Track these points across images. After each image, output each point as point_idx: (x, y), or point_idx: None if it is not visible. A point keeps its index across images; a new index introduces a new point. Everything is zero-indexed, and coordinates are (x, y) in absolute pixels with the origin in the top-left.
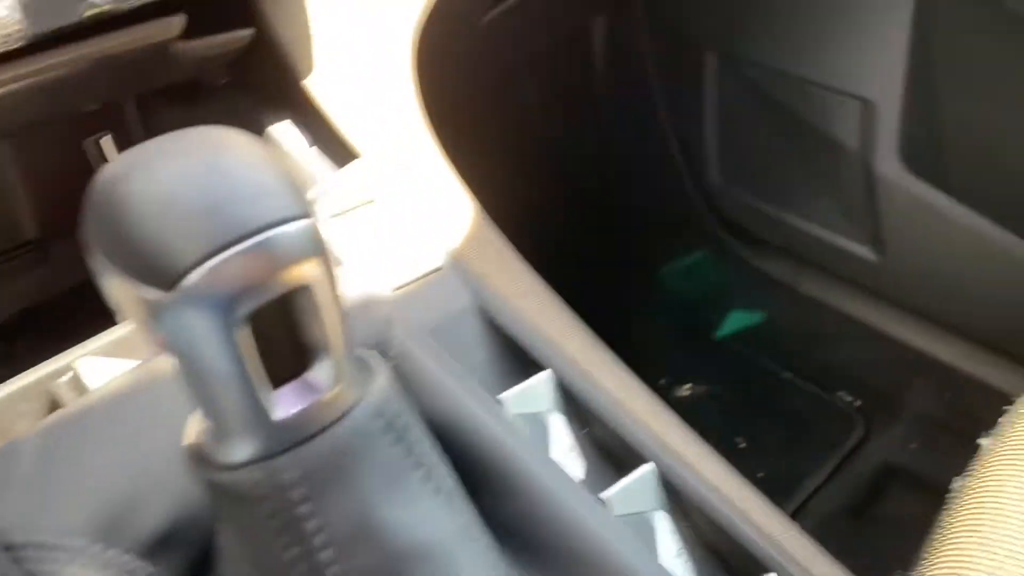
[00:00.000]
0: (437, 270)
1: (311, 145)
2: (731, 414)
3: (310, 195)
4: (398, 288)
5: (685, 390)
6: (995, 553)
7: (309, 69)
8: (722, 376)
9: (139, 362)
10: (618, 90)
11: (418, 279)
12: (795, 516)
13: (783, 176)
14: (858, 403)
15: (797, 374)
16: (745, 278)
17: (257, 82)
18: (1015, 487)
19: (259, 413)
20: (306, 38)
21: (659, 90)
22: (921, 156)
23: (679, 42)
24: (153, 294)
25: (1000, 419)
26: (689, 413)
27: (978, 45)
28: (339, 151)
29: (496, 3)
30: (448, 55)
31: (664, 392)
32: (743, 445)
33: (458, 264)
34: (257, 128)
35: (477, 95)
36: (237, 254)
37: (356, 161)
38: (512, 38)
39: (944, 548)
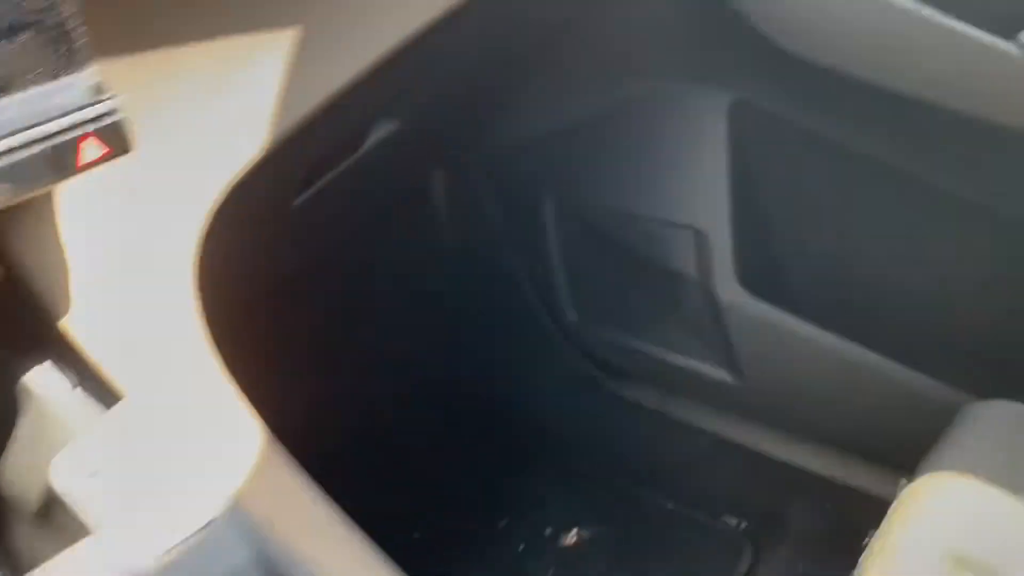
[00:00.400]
0: (211, 523)
1: (75, 387)
2: (620, 556)
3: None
4: (165, 553)
5: (571, 538)
6: None
7: (67, 307)
8: (607, 516)
9: None
10: (464, 240)
11: (189, 538)
12: None
13: (635, 308)
14: (744, 525)
15: (681, 503)
16: (617, 409)
17: (11, 325)
18: None
19: None
20: (63, 272)
21: (505, 236)
22: (759, 279)
23: (518, 189)
24: None
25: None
26: (578, 562)
27: (790, 166)
28: (106, 393)
29: (307, 185)
30: (251, 246)
31: (550, 542)
32: None
33: (237, 512)
34: (12, 376)
35: (288, 280)
36: None
37: (122, 402)
38: (332, 214)
39: None
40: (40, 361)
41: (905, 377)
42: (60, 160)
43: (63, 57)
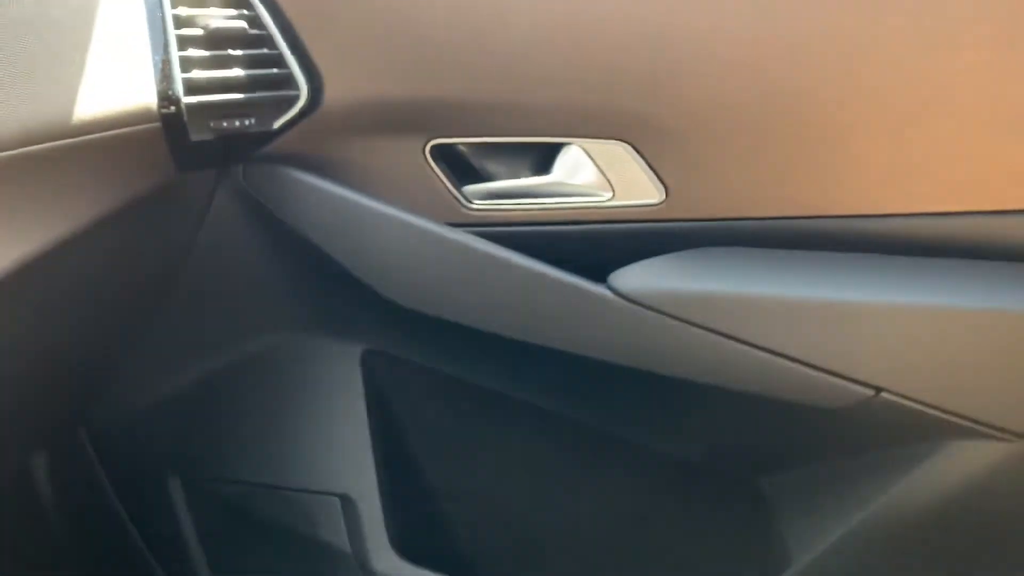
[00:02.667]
0: None
1: None
2: None
3: None
4: None
5: None
6: None
7: None
8: None
9: None
10: (80, 534)
11: None
12: None
13: None
14: None
15: None
16: None
17: None
18: None
19: None
20: None
21: (132, 522)
22: (416, 543)
23: (137, 469)
24: None
25: None
26: None
27: (439, 416)
28: None
29: None
30: None
31: None
32: None
33: None
34: None
35: None
36: None
37: None
38: None
39: None
40: None
41: None
42: None
43: None
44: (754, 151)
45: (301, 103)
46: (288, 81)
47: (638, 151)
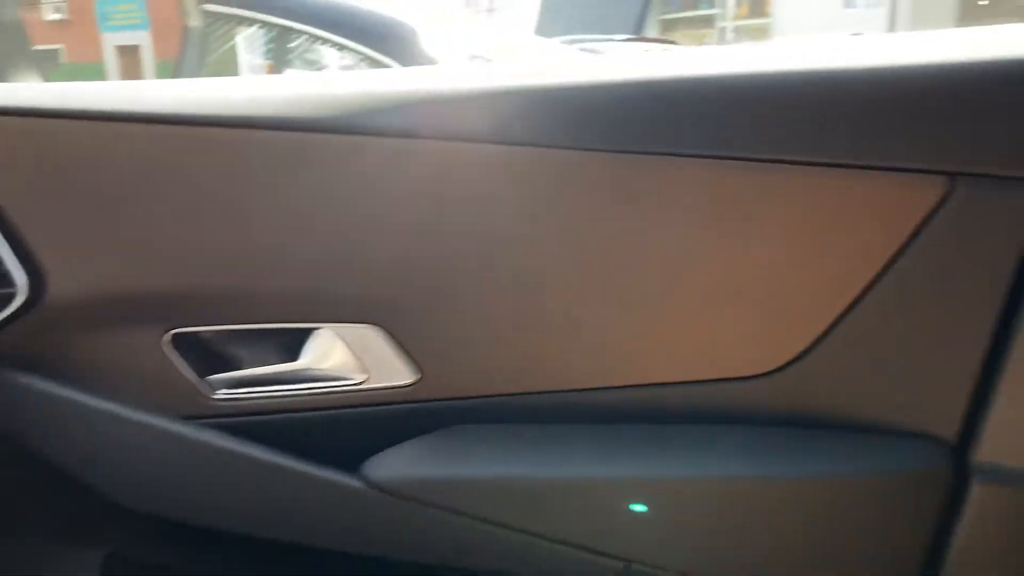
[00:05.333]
0: None
1: None
2: None
3: None
4: None
5: None
6: None
7: None
8: None
9: None
10: None
11: None
12: None
13: None
14: None
15: None
16: None
17: None
18: None
19: None
20: None
21: None
22: None
23: None
24: None
25: None
26: None
27: None
28: None
29: None
30: None
31: None
32: None
33: None
34: None
35: None
36: None
37: None
38: None
39: None
40: None
41: None
42: None
43: None
44: (501, 330)
45: (18, 301)
46: (2, 278)
47: (390, 334)
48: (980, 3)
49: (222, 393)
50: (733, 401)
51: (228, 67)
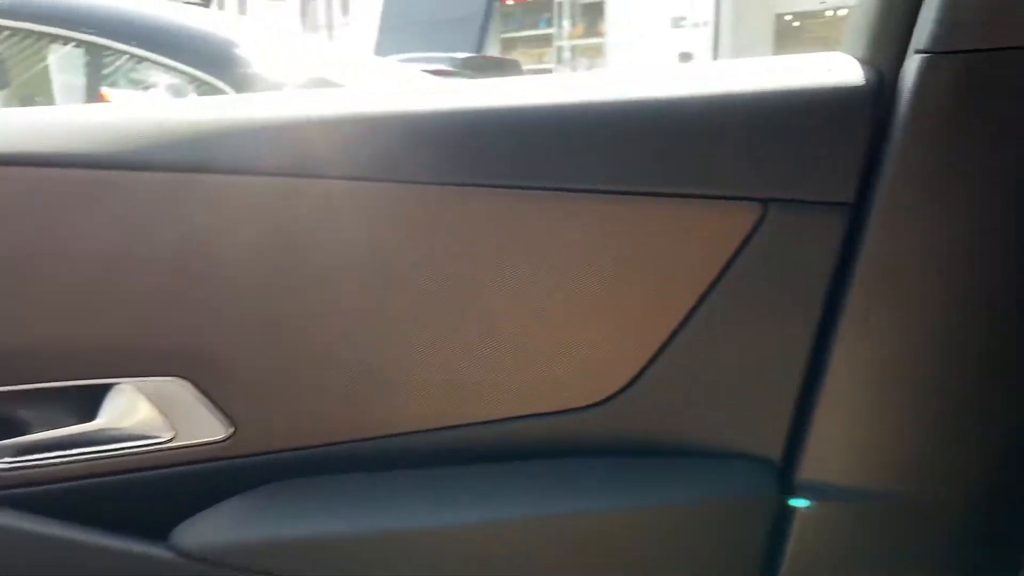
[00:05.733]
0: None
1: None
2: None
3: None
4: None
5: None
6: None
7: None
8: None
9: None
10: None
11: None
12: None
13: None
14: None
15: None
16: None
17: None
18: None
19: None
20: None
21: None
22: None
23: None
24: None
25: None
26: None
27: None
28: None
29: None
30: None
31: None
32: None
33: None
34: None
35: None
36: None
37: None
38: None
39: None
40: None
41: None
42: None
43: None
44: (319, 376)
45: None
46: None
47: (197, 386)
48: (793, 24)
49: (6, 462)
50: (565, 434)
51: (40, 90)
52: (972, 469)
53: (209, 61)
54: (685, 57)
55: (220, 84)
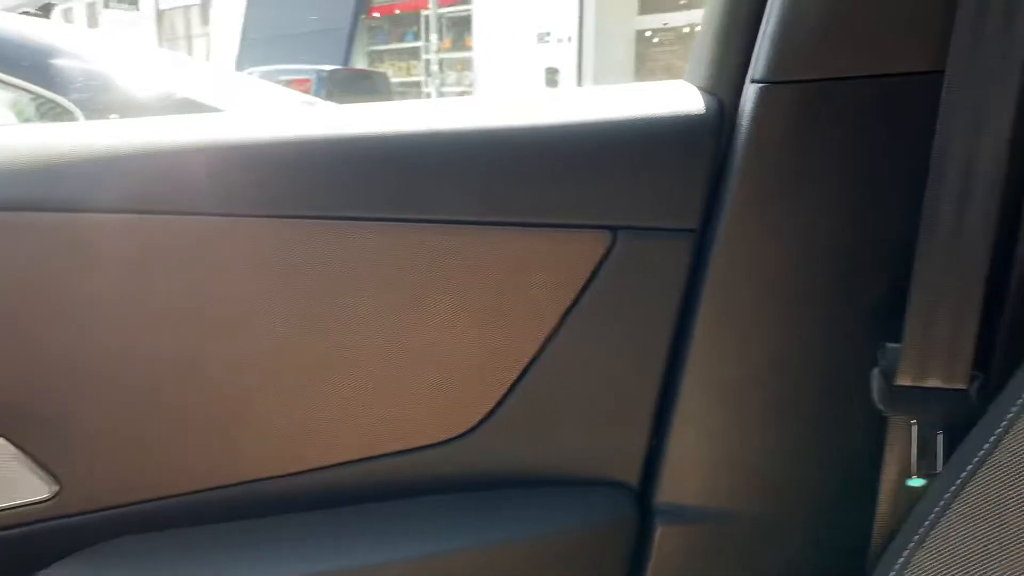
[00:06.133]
0: None
1: None
2: None
3: None
4: None
5: None
6: None
7: None
8: None
9: None
10: None
11: None
12: None
13: None
14: None
15: None
16: None
17: None
18: None
19: None
20: None
21: None
22: None
23: None
24: None
25: None
26: None
27: None
28: None
29: None
30: None
31: None
32: None
33: None
34: None
35: None
36: None
37: None
38: None
39: None
40: None
41: None
42: None
43: None
44: (152, 424)
45: None
46: None
47: (15, 443)
48: (653, 40)
49: None
50: (424, 471)
51: None
52: (816, 484)
53: (45, 77)
54: (552, 72)
55: (66, 104)
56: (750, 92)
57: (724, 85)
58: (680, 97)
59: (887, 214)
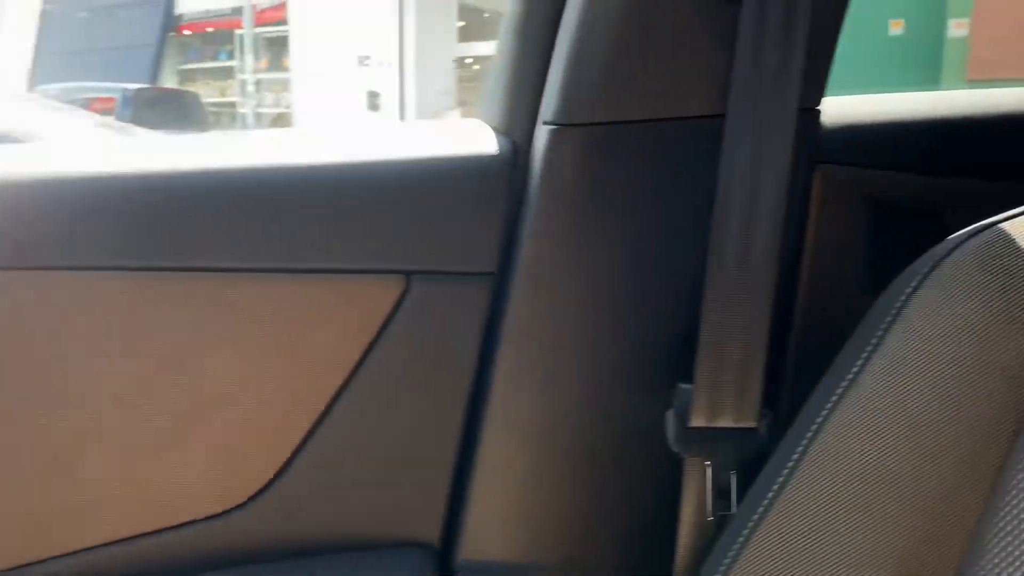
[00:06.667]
0: None
1: None
2: None
3: None
4: None
5: None
6: None
7: None
8: None
9: None
10: None
11: None
12: None
13: None
14: None
15: None
16: None
17: None
18: None
19: None
20: None
21: None
22: None
23: None
24: None
25: None
26: None
27: None
28: None
29: None
30: None
31: None
32: None
33: None
34: None
35: None
36: None
37: None
38: None
39: None
40: None
41: None
42: None
43: None
44: None
45: None
46: None
47: None
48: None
49: None
50: (203, 546)
51: None
52: (619, 529)
53: None
54: (373, 95)
55: None
56: (542, 133)
57: (517, 126)
58: (474, 137)
59: (678, 254)
